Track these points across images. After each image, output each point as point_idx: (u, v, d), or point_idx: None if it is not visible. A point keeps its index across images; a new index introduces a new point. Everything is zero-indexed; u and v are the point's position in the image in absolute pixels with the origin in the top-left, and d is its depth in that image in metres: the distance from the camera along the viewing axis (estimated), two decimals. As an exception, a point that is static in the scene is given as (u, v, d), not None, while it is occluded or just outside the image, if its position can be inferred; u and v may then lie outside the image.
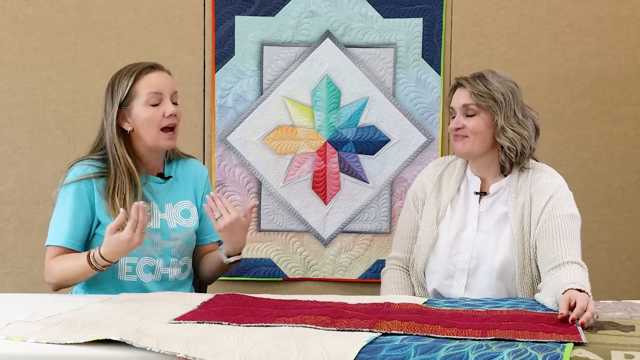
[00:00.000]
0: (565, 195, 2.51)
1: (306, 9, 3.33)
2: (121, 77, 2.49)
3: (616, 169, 3.38)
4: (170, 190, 2.57)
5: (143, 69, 2.48)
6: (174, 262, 2.54)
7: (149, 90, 2.46)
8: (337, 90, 3.36)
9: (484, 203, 2.59)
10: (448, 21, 3.33)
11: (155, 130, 2.46)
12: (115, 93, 2.47)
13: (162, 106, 2.47)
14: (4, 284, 3.39)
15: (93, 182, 2.45)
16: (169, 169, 2.60)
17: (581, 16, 3.32)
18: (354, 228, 3.41)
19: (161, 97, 2.47)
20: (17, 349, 1.78)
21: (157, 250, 2.50)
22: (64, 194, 2.46)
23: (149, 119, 2.46)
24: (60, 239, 2.45)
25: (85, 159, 2.51)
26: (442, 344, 1.75)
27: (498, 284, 2.53)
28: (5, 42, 3.34)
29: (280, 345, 1.74)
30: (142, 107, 2.46)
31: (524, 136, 2.52)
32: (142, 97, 2.46)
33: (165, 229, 2.52)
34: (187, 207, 2.58)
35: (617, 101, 3.36)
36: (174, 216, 2.55)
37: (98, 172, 2.46)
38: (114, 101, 2.47)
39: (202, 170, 2.69)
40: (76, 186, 2.44)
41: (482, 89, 2.53)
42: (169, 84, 2.51)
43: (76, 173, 2.46)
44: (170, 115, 2.47)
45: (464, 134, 2.55)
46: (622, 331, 1.89)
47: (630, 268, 3.41)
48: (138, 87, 2.46)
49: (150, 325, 1.91)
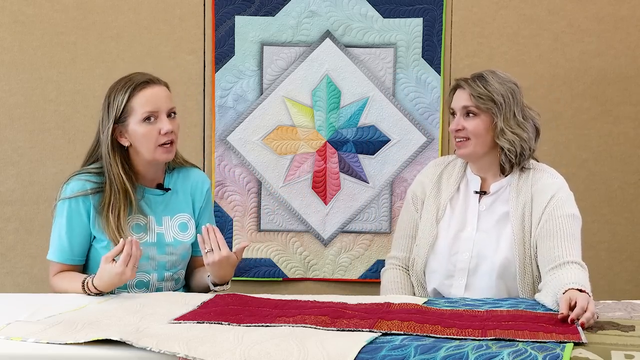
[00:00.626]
0: (566, 196, 2.51)
1: (306, 9, 3.33)
2: (117, 92, 2.45)
3: (616, 169, 3.38)
4: (168, 203, 2.55)
5: (138, 84, 2.44)
6: (168, 276, 2.53)
7: (144, 109, 2.42)
8: (337, 90, 3.36)
9: (484, 202, 2.59)
10: (448, 21, 3.33)
11: (153, 147, 2.44)
12: (110, 108, 2.44)
13: (158, 123, 2.43)
14: (4, 284, 3.39)
15: (90, 198, 2.45)
16: (169, 179, 2.58)
17: (581, 16, 3.32)
18: (354, 228, 3.40)
19: (157, 114, 2.44)
20: (17, 349, 1.78)
21: (152, 265, 2.49)
22: (61, 210, 2.46)
23: (145, 136, 2.43)
24: (59, 255, 2.49)
25: (82, 172, 2.49)
26: (442, 344, 1.75)
27: (498, 283, 2.53)
28: (5, 42, 3.34)
29: (280, 345, 1.74)
30: (138, 124, 2.43)
31: (523, 138, 2.52)
32: (137, 114, 2.43)
33: (162, 243, 2.50)
34: (185, 220, 2.56)
35: (617, 101, 3.36)
36: (172, 230, 2.53)
37: (95, 188, 2.46)
38: (110, 117, 2.44)
39: (203, 181, 2.65)
40: (73, 202, 2.45)
41: (481, 90, 2.53)
42: (165, 99, 2.47)
43: (73, 189, 2.45)
44: (167, 133, 2.44)
45: (464, 135, 2.54)
46: (622, 331, 1.89)
47: (630, 268, 3.41)
48: (133, 104, 2.43)
49: (150, 325, 1.91)
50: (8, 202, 3.38)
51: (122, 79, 2.49)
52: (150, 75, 2.50)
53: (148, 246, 2.46)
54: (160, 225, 2.51)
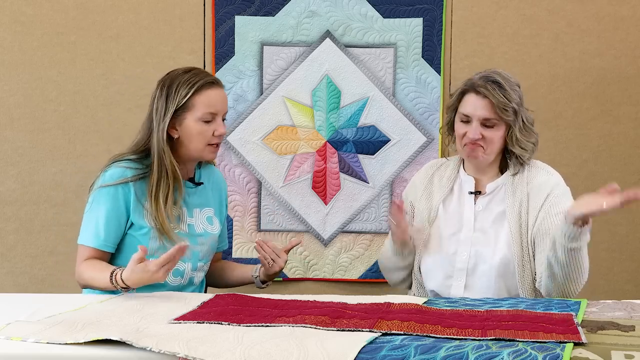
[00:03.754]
0: (562, 192, 2.52)
1: (306, 9, 3.34)
2: (180, 84, 2.43)
3: (616, 169, 3.38)
4: (200, 196, 2.57)
5: (205, 83, 2.44)
6: (200, 266, 2.55)
7: (206, 109, 2.44)
8: (337, 90, 3.36)
9: (480, 202, 2.59)
10: (448, 21, 3.33)
11: (203, 145, 2.46)
12: (171, 99, 2.43)
13: (213, 124, 2.46)
14: (4, 284, 3.39)
15: (130, 186, 2.43)
16: (199, 175, 2.60)
17: (581, 16, 3.32)
18: (354, 228, 3.41)
19: (215, 116, 2.46)
20: (17, 349, 1.77)
21: (187, 255, 2.45)
22: (99, 195, 2.43)
23: (200, 134, 2.45)
24: (92, 240, 2.44)
25: (123, 159, 2.47)
26: (442, 344, 1.75)
27: (498, 282, 2.53)
28: (5, 42, 3.34)
29: (280, 345, 1.74)
30: (195, 121, 2.44)
31: (533, 142, 2.54)
32: (197, 112, 2.43)
33: (193, 233, 2.52)
34: (210, 214, 2.59)
35: (617, 101, 3.36)
36: (201, 222, 2.55)
37: (137, 175, 2.44)
38: (169, 107, 2.43)
39: (224, 182, 2.72)
40: (113, 189, 2.42)
41: (503, 100, 2.46)
42: (225, 103, 2.51)
43: (113, 176, 2.43)
44: (220, 135, 2.48)
45: (481, 144, 2.52)
46: (622, 331, 1.89)
47: (630, 268, 3.41)
48: (196, 101, 2.43)
49: (150, 325, 1.91)
50: (8, 202, 3.38)
51: (185, 71, 2.47)
52: (213, 76, 2.52)
53: (182, 236, 2.46)
54: (191, 217, 2.53)
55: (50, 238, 3.39)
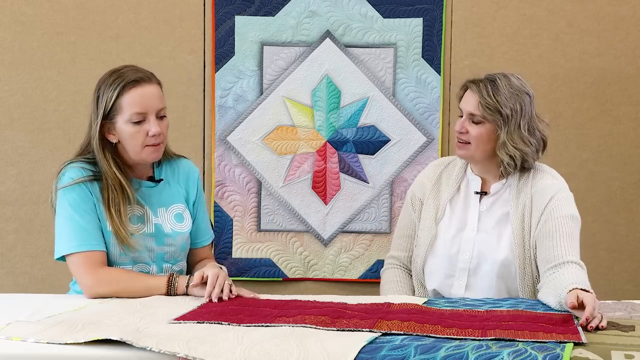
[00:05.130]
0: (565, 197, 2.51)
1: (306, 9, 3.33)
2: (105, 87, 2.38)
3: (616, 169, 3.38)
4: (162, 194, 2.50)
5: (128, 82, 2.36)
6: (167, 267, 2.48)
7: (132, 109, 2.35)
8: (337, 90, 3.36)
9: (484, 202, 2.59)
10: (448, 21, 3.33)
11: (140, 147, 2.38)
12: (99, 104, 2.38)
13: (145, 124, 2.37)
14: (4, 284, 3.39)
15: (88, 185, 2.39)
16: (159, 172, 2.53)
17: (581, 16, 3.32)
18: (354, 228, 3.41)
19: (145, 115, 2.37)
20: (17, 349, 1.78)
21: (150, 257, 2.45)
22: (67, 197, 2.38)
23: (132, 136, 2.37)
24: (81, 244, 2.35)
25: (75, 161, 2.44)
26: (442, 344, 1.75)
27: (499, 283, 2.53)
28: (5, 42, 3.34)
29: (280, 345, 1.74)
30: (125, 124, 2.36)
31: (524, 152, 2.49)
32: (125, 114, 2.36)
33: (161, 234, 2.46)
34: (180, 211, 2.51)
35: (617, 101, 3.36)
36: (168, 221, 2.48)
37: (91, 176, 2.40)
38: (98, 113, 2.38)
39: (194, 170, 2.61)
40: (77, 187, 2.38)
41: (490, 101, 2.47)
42: (155, 100, 2.38)
43: (72, 175, 2.39)
44: (155, 135, 2.37)
45: (466, 139, 2.53)
46: (622, 331, 1.89)
47: (630, 268, 3.41)
48: (122, 103, 2.36)
49: (150, 325, 1.91)
50: (8, 202, 3.38)
51: (113, 72, 2.41)
52: (142, 72, 2.41)
53: (148, 237, 2.43)
54: (156, 217, 2.46)
55: (50, 238, 3.35)
